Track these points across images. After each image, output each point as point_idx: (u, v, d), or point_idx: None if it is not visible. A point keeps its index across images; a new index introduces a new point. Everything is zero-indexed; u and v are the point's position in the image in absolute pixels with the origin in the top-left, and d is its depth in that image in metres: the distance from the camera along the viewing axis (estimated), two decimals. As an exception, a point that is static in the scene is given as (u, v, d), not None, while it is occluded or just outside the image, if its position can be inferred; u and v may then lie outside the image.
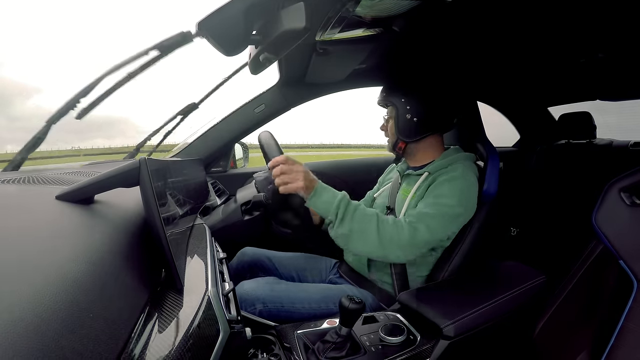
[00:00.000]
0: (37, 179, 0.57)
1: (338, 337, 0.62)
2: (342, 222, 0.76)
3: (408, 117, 0.91)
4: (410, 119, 0.91)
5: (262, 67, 0.58)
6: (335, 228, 0.76)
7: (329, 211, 0.76)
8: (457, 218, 0.83)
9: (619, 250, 0.68)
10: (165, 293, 0.41)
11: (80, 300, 0.27)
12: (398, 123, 0.93)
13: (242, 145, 1.57)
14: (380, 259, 0.81)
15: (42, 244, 0.32)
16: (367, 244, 0.76)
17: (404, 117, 0.92)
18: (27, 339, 0.21)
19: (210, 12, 0.46)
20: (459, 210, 0.82)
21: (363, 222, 0.76)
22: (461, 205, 0.82)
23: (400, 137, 0.94)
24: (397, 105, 0.92)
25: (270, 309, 0.79)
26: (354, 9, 0.62)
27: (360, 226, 0.76)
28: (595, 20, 0.78)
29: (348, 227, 0.75)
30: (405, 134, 0.93)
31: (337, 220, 0.76)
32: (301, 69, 1.11)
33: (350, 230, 0.75)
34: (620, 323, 0.61)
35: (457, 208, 0.82)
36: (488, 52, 1.05)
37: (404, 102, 0.91)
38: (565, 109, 1.75)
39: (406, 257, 0.79)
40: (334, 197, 0.77)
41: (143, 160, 0.42)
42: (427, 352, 0.64)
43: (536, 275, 0.82)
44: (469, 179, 0.86)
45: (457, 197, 0.82)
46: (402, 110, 0.92)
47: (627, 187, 0.71)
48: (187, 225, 0.66)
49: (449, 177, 0.85)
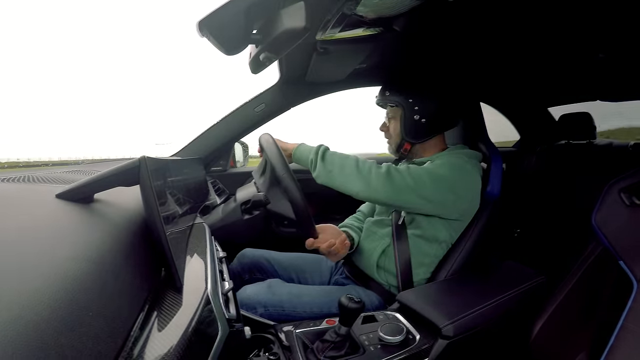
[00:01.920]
0: (37, 177, 0.57)
1: (337, 337, 0.62)
2: (324, 160, 0.84)
3: (416, 118, 0.91)
4: (418, 120, 0.91)
5: (263, 67, 0.58)
6: (317, 166, 0.84)
7: (310, 153, 0.86)
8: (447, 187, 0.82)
9: (618, 250, 0.68)
10: (164, 292, 0.41)
11: (79, 298, 0.27)
12: (405, 124, 0.92)
13: (242, 144, 1.57)
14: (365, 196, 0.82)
15: (41, 243, 0.32)
16: (348, 177, 0.81)
17: (412, 118, 0.91)
18: (26, 337, 0.21)
19: (211, 11, 0.46)
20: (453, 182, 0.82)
21: (342, 158, 0.84)
22: (456, 180, 0.83)
23: (407, 138, 0.93)
24: (404, 106, 0.91)
25: (271, 313, 0.79)
26: (355, 8, 0.62)
27: (340, 161, 0.84)
28: (595, 21, 0.78)
29: (329, 162, 0.84)
30: (413, 135, 0.93)
31: (318, 158, 0.84)
32: (301, 68, 1.11)
33: (332, 163, 0.83)
34: (620, 323, 0.61)
35: (450, 180, 0.82)
36: (488, 52, 1.04)
37: (412, 103, 0.90)
38: (566, 110, 1.75)
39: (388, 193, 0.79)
40: (313, 146, 0.88)
41: (143, 159, 0.42)
42: (426, 351, 0.64)
43: (535, 276, 0.82)
44: (470, 170, 0.86)
45: (449, 172, 0.83)
46: (410, 111, 0.91)
47: (627, 187, 0.71)
48: (186, 224, 0.66)
49: (449, 160, 0.86)
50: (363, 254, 0.96)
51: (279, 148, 0.83)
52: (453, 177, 0.82)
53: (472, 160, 0.90)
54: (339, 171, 0.82)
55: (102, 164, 1.03)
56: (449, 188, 0.82)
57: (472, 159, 0.90)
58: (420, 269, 0.88)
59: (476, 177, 0.87)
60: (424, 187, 0.80)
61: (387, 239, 0.92)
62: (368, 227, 1.02)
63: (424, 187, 0.80)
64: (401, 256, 0.88)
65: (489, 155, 0.93)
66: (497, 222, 0.91)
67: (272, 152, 0.82)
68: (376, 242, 0.94)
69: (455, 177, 0.82)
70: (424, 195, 0.80)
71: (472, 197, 0.86)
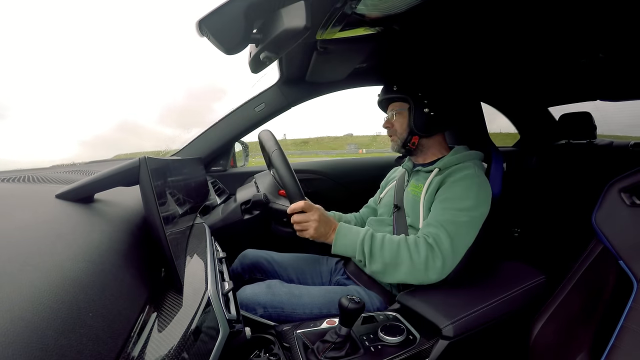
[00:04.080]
0: (37, 177, 0.57)
1: (337, 337, 0.62)
2: (372, 259, 0.77)
3: (426, 111, 0.91)
4: (427, 113, 0.91)
5: (263, 66, 0.58)
6: (368, 265, 0.78)
7: (355, 252, 0.78)
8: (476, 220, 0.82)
9: (618, 250, 0.68)
10: (164, 292, 0.41)
11: (80, 299, 0.27)
12: (414, 117, 0.92)
13: (242, 144, 1.57)
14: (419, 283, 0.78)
15: (42, 243, 0.32)
16: (403, 270, 0.76)
17: (421, 111, 0.92)
18: (27, 337, 0.21)
19: (211, 10, 0.46)
20: (477, 212, 0.81)
21: (393, 252, 0.77)
22: (478, 206, 0.82)
23: (416, 131, 0.93)
24: (413, 99, 0.92)
25: (271, 314, 0.79)
26: (355, 8, 0.62)
27: (391, 257, 0.77)
28: (595, 21, 0.78)
29: (380, 261, 0.77)
30: (422, 128, 0.93)
31: (366, 259, 0.78)
32: (302, 67, 1.11)
33: (384, 264, 0.77)
34: (620, 323, 0.61)
35: (474, 211, 0.81)
36: (488, 52, 1.04)
37: (421, 96, 0.91)
38: (566, 109, 1.75)
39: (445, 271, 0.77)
40: (357, 236, 0.79)
41: (143, 159, 0.42)
42: (427, 352, 0.64)
43: (536, 276, 0.82)
44: (482, 177, 0.86)
45: (474, 199, 0.82)
46: (419, 104, 0.92)
47: (627, 187, 0.71)
48: (186, 225, 0.66)
49: (462, 176, 0.85)
50: None
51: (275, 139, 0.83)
52: (477, 203, 0.82)
53: (478, 163, 0.90)
54: (393, 270, 0.77)
55: (102, 163, 1.02)
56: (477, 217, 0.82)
57: (477, 163, 0.90)
58: None
59: (487, 182, 0.87)
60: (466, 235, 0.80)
61: None
62: (370, 225, 1.01)
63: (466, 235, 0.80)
64: None
65: (490, 155, 0.93)
66: (497, 222, 0.91)
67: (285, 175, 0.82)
68: None
69: (478, 201, 0.82)
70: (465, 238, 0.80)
71: (488, 204, 0.86)
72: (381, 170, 1.25)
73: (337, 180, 1.57)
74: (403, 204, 0.95)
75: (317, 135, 66.55)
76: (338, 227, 0.81)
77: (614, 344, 0.60)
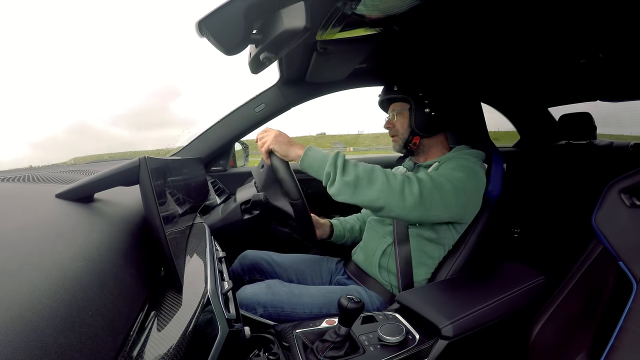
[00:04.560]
0: (37, 177, 0.57)
1: (337, 337, 0.62)
2: (345, 169, 0.73)
3: (427, 111, 0.92)
4: (428, 113, 0.92)
5: (263, 67, 0.58)
6: (338, 177, 0.73)
7: (326, 163, 0.74)
8: (463, 192, 0.81)
9: (618, 251, 0.68)
10: (164, 291, 0.41)
11: (79, 298, 0.27)
12: (415, 117, 0.93)
13: (242, 144, 1.57)
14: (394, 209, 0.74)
15: (41, 242, 0.32)
16: (377, 188, 0.72)
17: (422, 111, 0.92)
18: (26, 336, 0.21)
19: (211, 10, 0.46)
20: (467, 187, 0.81)
21: (368, 168, 0.74)
22: (468, 184, 0.81)
23: (417, 131, 0.94)
24: (414, 99, 0.92)
25: (271, 313, 0.79)
26: (355, 8, 0.62)
27: (366, 172, 0.73)
28: (595, 21, 0.78)
29: (353, 173, 0.73)
30: (423, 128, 0.93)
31: (339, 169, 0.73)
32: (302, 68, 1.11)
33: (357, 176, 0.72)
34: (620, 324, 0.61)
35: (464, 184, 0.81)
36: (488, 52, 1.04)
37: (422, 97, 0.92)
38: (566, 110, 1.75)
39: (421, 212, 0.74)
40: (328, 154, 0.77)
41: (143, 159, 0.42)
42: (426, 352, 0.64)
43: (535, 276, 0.82)
44: (480, 172, 0.87)
45: (465, 175, 0.82)
46: (420, 104, 0.92)
47: (627, 188, 0.71)
48: (186, 224, 0.66)
49: (459, 161, 0.86)
50: (366, 252, 0.96)
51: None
52: (467, 180, 0.82)
53: (479, 161, 0.91)
54: (367, 185, 0.72)
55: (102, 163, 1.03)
56: (464, 192, 0.81)
57: (478, 160, 0.90)
58: (421, 268, 0.88)
59: (483, 178, 0.87)
60: (449, 198, 0.78)
61: (388, 237, 0.92)
62: (370, 225, 1.02)
63: (449, 197, 0.78)
64: (402, 255, 0.88)
65: (490, 156, 0.94)
66: (497, 223, 0.91)
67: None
68: (378, 241, 0.94)
69: (468, 181, 0.82)
70: (448, 205, 0.79)
71: (480, 199, 0.86)
72: None
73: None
74: None
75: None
76: (309, 145, 0.79)
77: (613, 344, 0.60)
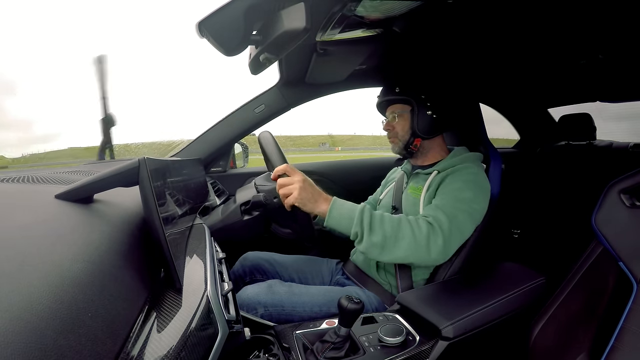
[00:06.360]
0: (37, 178, 0.57)
1: (337, 338, 0.62)
2: (372, 229, 0.73)
3: (429, 113, 0.92)
4: (430, 115, 0.92)
5: (263, 68, 0.59)
6: (366, 238, 0.73)
7: (351, 223, 0.73)
8: (475, 213, 0.82)
9: (618, 251, 0.68)
10: (164, 293, 0.41)
11: (79, 299, 0.27)
12: (416, 119, 0.92)
13: (242, 145, 1.57)
14: (420, 262, 0.76)
15: (41, 243, 0.32)
16: (404, 246, 0.73)
17: (424, 113, 0.92)
18: (25, 337, 0.21)
19: (211, 11, 0.46)
20: (477, 205, 0.82)
21: (395, 224, 0.74)
22: (477, 200, 0.82)
23: (419, 133, 0.93)
24: (415, 101, 0.92)
25: (271, 313, 0.79)
26: (355, 9, 0.63)
27: (393, 229, 0.73)
28: (595, 22, 0.78)
29: (380, 233, 0.73)
30: (425, 130, 0.93)
31: (365, 229, 0.73)
32: (301, 69, 1.11)
33: (384, 236, 0.72)
34: (620, 324, 0.61)
35: (473, 203, 0.81)
36: (488, 53, 1.05)
37: (424, 99, 0.92)
38: (566, 111, 1.75)
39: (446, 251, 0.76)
40: (354, 208, 0.75)
41: (142, 160, 0.42)
42: (426, 352, 0.64)
43: (535, 277, 0.82)
44: (482, 176, 0.87)
45: (473, 193, 0.82)
46: (422, 107, 0.92)
47: (627, 188, 0.71)
48: (186, 225, 0.66)
49: (463, 173, 0.86)
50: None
51: (278, 145, 0.83)
52: (475, 198, 0.83)
53: (480, 168, 0.91)
54: (394, 244, 0.73)
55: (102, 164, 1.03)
56: (476, 211, 0.82)
57: (479, 168, 0.90)
58: (420, 269, 0.88)
59: (488, 187, 0.87)
60: (465, 226, 0.80)
61: None
62: None
63: (464, 226, 0.80)
64: None
65: (488, 156, 0.94)
66: (496, 223, 0.91)
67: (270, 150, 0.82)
68: None
69: (477, 198, 0.83)
70: (465, 234, 0.81)
71: (486, 207, 0.86)
72: (381, 171, 1.26)
73: (337, 181, 1.57)
74: (401, 206, 0.95)
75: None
76: (333, 199, 0.77)
77: (613, 344, 0.60)
